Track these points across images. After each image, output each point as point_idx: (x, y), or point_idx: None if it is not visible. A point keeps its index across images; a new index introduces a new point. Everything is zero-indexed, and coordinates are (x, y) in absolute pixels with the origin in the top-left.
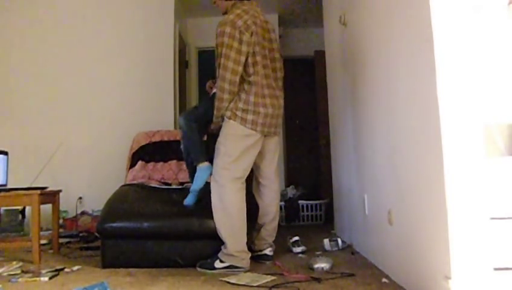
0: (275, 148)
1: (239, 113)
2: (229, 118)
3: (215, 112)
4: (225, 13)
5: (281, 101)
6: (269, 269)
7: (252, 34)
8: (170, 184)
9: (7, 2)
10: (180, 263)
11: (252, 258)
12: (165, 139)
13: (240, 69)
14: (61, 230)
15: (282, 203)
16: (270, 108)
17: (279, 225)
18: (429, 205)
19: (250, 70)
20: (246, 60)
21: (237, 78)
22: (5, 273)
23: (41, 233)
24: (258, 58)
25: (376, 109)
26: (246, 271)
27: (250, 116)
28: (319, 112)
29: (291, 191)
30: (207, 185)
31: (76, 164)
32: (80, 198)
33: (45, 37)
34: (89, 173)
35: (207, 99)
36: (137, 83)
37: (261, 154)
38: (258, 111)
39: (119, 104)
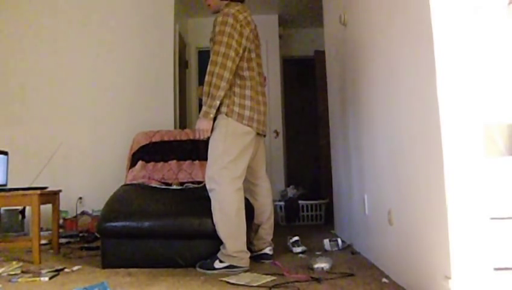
0: (263, 148)
1: (236, 108)
2: (226, 115)
3: (209, 100)
4: (216, 12)
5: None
6: (269, 269)
7: (250, 31)
8: (170, 184)
9: (7, 4)
10: (180, 263)
11: (252, 258)
12: (165, 139)
13: (238, 60)
14: (61, 230)
15: (282, 203)
16: (262, 106)
17: (278, 224)
18: (429, 205)
19: (244, 65)
20: (243, 54)
21: (234, 68)
22: (5, 274)
23: (41, 233)
24: (253, 55)
25: (376, 109)
26: (245, 271)
27: (247, 112)
28: (319, 112)
29: (291, 191)
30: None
31: (76, 164)
32: (80, 198)
33: (45, 38)
34: (89, 173)
35: None
36: (137, 83)
37: (252, 155)
38: (253, 107)
39: (119, 104)
